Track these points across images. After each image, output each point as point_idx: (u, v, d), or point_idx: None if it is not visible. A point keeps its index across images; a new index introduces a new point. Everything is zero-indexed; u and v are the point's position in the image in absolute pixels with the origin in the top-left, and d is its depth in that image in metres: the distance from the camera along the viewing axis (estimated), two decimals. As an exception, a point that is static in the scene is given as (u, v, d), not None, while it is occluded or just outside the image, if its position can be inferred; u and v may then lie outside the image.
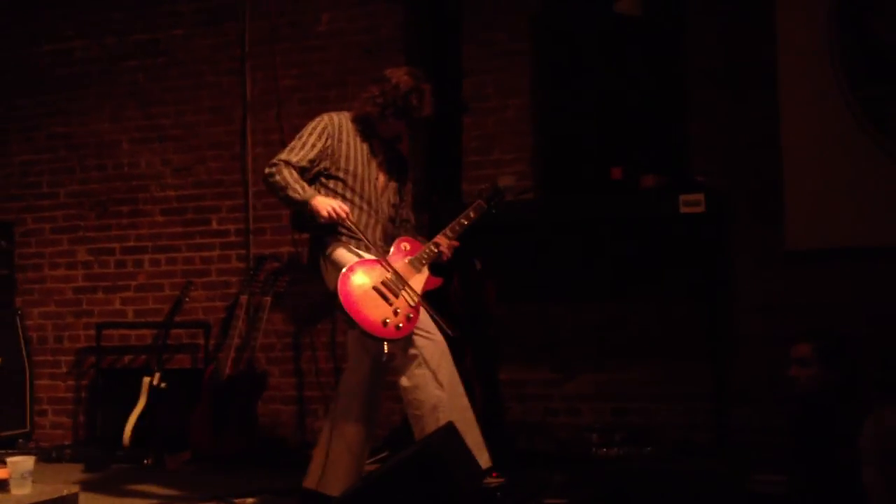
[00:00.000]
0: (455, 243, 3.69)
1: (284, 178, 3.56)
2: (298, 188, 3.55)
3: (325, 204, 3.52)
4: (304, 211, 3.57)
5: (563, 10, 4.79)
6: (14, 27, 5.81)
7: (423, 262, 3.63)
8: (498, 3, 4.91)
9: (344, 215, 3.53)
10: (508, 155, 4.89)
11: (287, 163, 3.60)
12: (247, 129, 5.35)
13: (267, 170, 3.61)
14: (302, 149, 3.63)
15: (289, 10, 5.31)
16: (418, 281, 3.59)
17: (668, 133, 4.55)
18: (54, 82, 5.73)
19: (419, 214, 4.13)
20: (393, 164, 3.83)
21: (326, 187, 3.68)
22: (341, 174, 3.67)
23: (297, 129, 3.80)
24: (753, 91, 4.48)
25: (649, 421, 4.59)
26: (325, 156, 3.66)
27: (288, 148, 3.66)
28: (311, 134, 3.68)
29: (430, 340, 3.54)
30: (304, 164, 3.62)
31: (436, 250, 3.65)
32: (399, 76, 3.68)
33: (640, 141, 4.50)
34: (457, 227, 3.67)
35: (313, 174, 3.68)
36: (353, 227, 3.56)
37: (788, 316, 4.30)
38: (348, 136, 3.71)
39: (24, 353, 5.42)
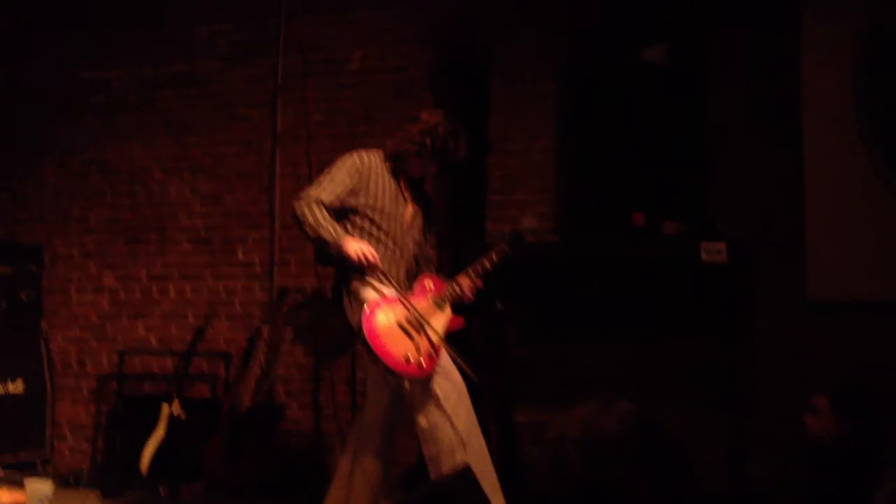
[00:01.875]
0: (477, 283, 3.71)
1: (315, 217, 3.58)
2: (330, 228, 3.57)
3: (356, 247, 3.55)
4: (332, 252, 3.59)
5: (590, 56, 4.83)
6: (54, 54, 5.93)
7: (446, 301, 3.65)
8: (526, 46, 4.96)
9: (373, 260, 3.55)
10: (532, 196, 4.91)
11: (319, 201, 3.62)
12: (276, 162, 5.41)
13: (295, 203, 3.64)
14: (331, 184, 3.67)
15: (322, 46, 5.39)
16: (441, 320, 3.61)
17: (690, 181, 4.56)
18: (91, 109, 5.84)
19: (441, 252, 4.16)
20: (419, 203, 3.86)
21: (353, 224, 3.71)
22: (368, 212, 3.71)
23: (324, 164, 3.85)
24: (777, 142, 4.49)
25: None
26: (353, 193, 3.70)
27: (316, 183, 3.70)
28: (339, 170, 3.71)
29: (450, 381, 3.55)
30: (333, 201, 3.65)
31: (458, 290, 3.67)
32: (438, 119, 3.73)
33: (663, 188, 4.51)
34: (479, 269, 3.70)
35: (340, 210, 3.72)
36: (381, 274, 3.58)
37: (807, 366, 4.27)
38: (377, 174, 3.75)
39: (46, 376, 5.46)
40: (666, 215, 4.30)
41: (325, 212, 3.61)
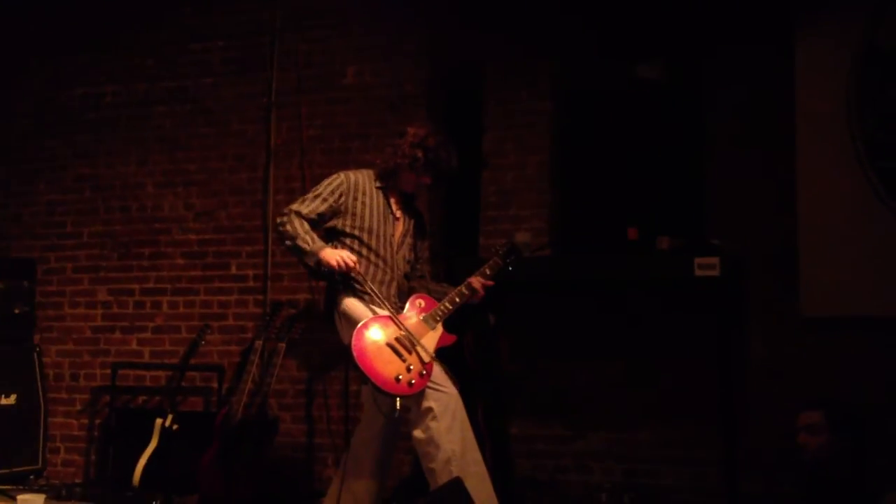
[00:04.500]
0: (489, 283, 3.71)
1: (295, 229, 3.63)
2: (308, 239, 3.62)
3: (334, 255, 3.58)
4: (310, 262, 3.61)
5: (584, 71, 4.87)
6: (48, 70, 5.94)
7: (438, 319, 3.67)
8: (520, 61, 5.00)
9: (352, 264, 3.58)
10: (526, 211, 4.94)
11: (298, 213, 3.68)
12: (269, 177, 5.44)
13: (279, 218, 3.71)
14: (314, 201, 3.72)
15: (316, 62, 5.42)
16: (432, 338, 3.62)
17: (684, 195, 4.60)
18: (84, 125, 5.84)
19: (435, 268, 4.18)
20: (410, 220, 3.89)
21: (343, 244, 3.75)
22: (356, 231, 3.74)
23: (318, 179, 3.88)
24: (771, 157, 4.52)
25: (659, 482, 4.56)
26: (338, 212, 3.74)
27: (300, 199, 3.77)
28: (325, 188, 3.77)
29: (445, 394, 3.57)
30: (313, 216, 3.70)
31: (450, 307, 3.68)
32: (426, 130, 3.77)
33: (657, 202, 4.55)
34: (487, 272, 3.72)
35: (326, 229, 3.75)
36: (361, 277, 3.61)
37: (801, 382, 4.29)
38: (364, 194, 3.79)
39: (39, 389, 5.44)
40: (660, 230, 4.33)
41: (305, 224, 3.66)
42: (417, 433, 3.55)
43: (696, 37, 4.66)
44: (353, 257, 3.62)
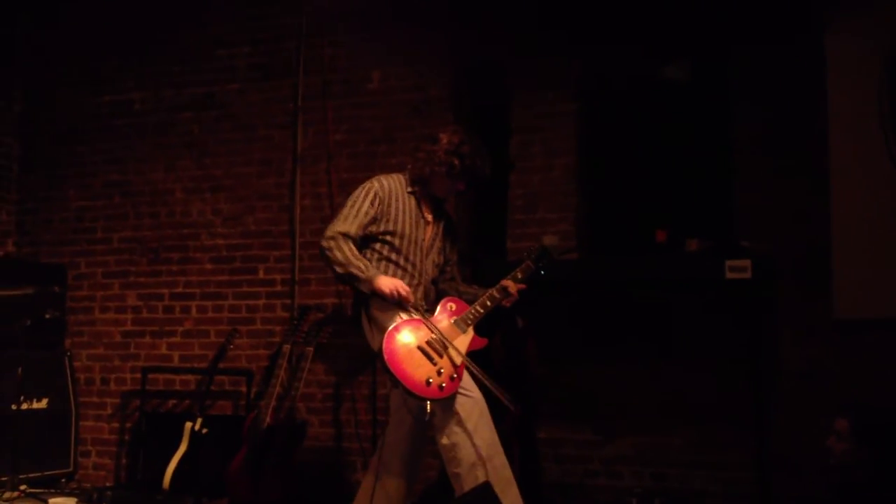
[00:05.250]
0: (514, 296, 3.69)
1: (345, 255, 3.60)
2: (361, 265, 3.59)
3: (388, 284, 3.56)
4: (364, 290, 3.59)
5: (611, 73, 4.85)
6: (77, 77, 6.01)
7: (469, 322, 3.65)
8: (546, 64, 4.98)
9: (405, 294, 3.56)
10: (553, 214, 4.92)
11: (345, 235, 3.63)
12: (296, 182, 5.46)
13: (324, 243, 3.64)
14: (356, 217, 3.68)
15: (341, 67, 5.44)
16: (463, 341, 3.61)
17: (714, 197, 4.56)
18: (112, 131, 5.91)
19: (462, 270, 4.17)
20: (440, 225, 3.88)
21: (373, 250, 3.73)
22: (388, 237, 3.73)
23: (344, 183, 3.88)
24: (802, 157, 4.46)
25: (689, 487, 4.53)
26: (375, 221, 3.72)
27: (341, 217, 3.70)
28: (363, 201, 3.71)
29: (470, 398, 3.56)
30: (358, 232, 3.67)
31: (482, 311, 3.65)
32: (459, 137, 3.74)
33: (686, 204, 4.52)
34: (518, 275, 3.71)
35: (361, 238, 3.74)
36: (413, 306, 3.59)
37: (833, 385, 4.24)
38: (397, 199, 3.77)
39: (71, 393, 5.52)
40: (689, 232, 4.30)
41: (352, 247, 3.63)
42: (442, 438, 3.54)
43: (723, 36, 4.62)
44: (407, 287, 3.60)
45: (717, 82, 4.64)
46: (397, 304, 3.57)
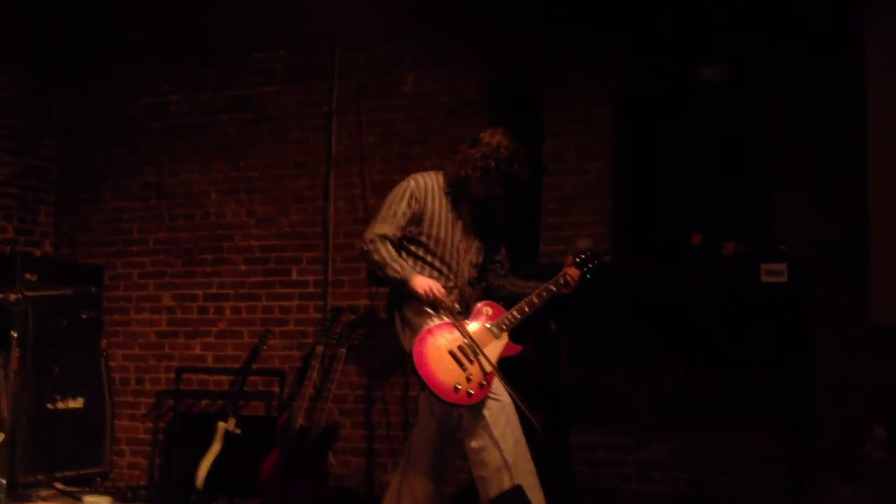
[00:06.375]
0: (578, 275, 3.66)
1: (382, 257, 3.59)
2: (397, 267, 3.58)
3: (423, 284, 3.55)
4: (402, 289, 3.60)
5: (645, 76, 4.82)
6: (114, 80, 6.08)
7: (504, 328, 3.61)
8: (580, 66, 4.96)
9: (440, 296, 3.54)
10: (586, 217, 4.89)
11: (384, 237, 3.62)
12: (330, 184, 5.48)
13: (365, 247, 3.63)
14: (394, 219, 3.65)
15: (375, 70, 5.46)
16: (496, 347, 3.57)
17: (750, 201, 4.51)
18: (149, 134, 5.97)
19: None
20: (480, 225, 3.81)
21: (408, 250, 3.71)
22: (423, 238, 3.70)
23: (378, 186, 3.87)
24: (840, 160, 4.41)
25: (723, 494, 4.47)
26: (414, 220, 3.70)
27: (379, 219, 3.68)
28: (400, 201, 3.68)
29: (498, 402, 3.52)
30: (396, 233, 3.66)
31: (518, 317, 3.61)
32: (499, 140, 3.67)
33: (722, 208, 4.47)
34: (544, 293, 3.64)
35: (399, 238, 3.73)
36: (446, 308, 3.56)
37: (871, 392, 4.17)
38: (433, 199, 3.72)
39: (106, 393, 5.58)
40: (725, 236, 4.25)
41: (390, 248, 3.61)
42: (470, 441, 3.52)
43: (758, 37, 4.58)
44: (442, 289, 3.58)
45: (753, 83, 4.59)
46: (431, 304, 3.56)
